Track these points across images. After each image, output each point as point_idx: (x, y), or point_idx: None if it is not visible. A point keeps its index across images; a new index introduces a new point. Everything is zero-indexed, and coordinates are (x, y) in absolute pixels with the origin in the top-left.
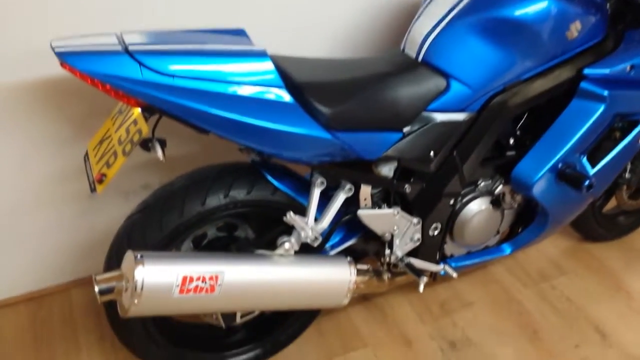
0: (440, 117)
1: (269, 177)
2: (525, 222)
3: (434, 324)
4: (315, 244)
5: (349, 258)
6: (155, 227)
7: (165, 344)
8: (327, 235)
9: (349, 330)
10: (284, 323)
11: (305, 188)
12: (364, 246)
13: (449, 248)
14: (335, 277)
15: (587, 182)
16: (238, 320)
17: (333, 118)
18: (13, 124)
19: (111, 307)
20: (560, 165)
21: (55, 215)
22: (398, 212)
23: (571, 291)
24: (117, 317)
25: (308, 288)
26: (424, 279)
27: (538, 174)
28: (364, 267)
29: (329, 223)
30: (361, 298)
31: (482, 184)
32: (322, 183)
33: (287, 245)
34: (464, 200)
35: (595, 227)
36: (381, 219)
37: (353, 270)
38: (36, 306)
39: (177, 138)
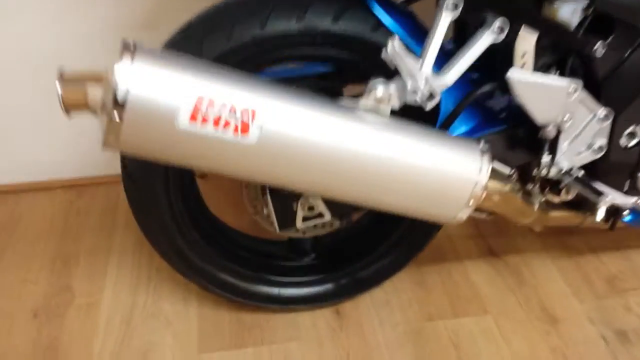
0: None
1: (374, 6)
2: None
3: (597, 303)
4: (428, 107)
5: (482, 143)
6: (195, 52)
7: (201, 246)
8: (451, 114)
9: (464, 290)
10: (369, 252)
11: (422, 34)
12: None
13: None
14: (456, 167)
15: None
16: (299, 224)
17: None
18: None
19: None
20: None
21: None
22: (577, 89)
23: None
24: (140, 205)
25: (405, 174)
26: (606, 199)
27: None
28: (505, 168)
29: (454, 79)
30: (486, 249)
31: None
32: (455, 6)
33: (379, 91)
34: None
35: None
36: (546, 92)
37: (486, 165)
38: (76, 195)
39: None
